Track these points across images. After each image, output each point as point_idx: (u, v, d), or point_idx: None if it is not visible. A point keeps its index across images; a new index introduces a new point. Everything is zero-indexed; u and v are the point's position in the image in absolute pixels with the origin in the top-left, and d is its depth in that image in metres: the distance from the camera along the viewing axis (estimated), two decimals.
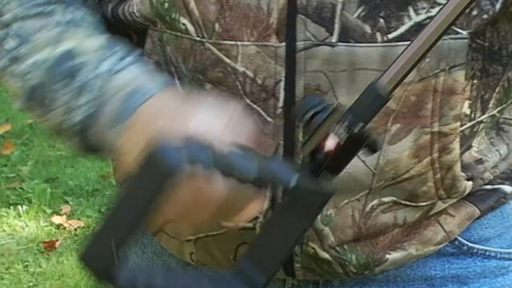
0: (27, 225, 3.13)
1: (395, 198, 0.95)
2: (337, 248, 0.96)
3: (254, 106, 0.92)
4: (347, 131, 0.79)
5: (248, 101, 0.92)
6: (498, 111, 0.99)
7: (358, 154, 0.91)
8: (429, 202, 0.97)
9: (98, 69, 0.90)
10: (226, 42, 0.91)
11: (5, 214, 3.19)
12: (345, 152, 0.80)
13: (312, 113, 0.81)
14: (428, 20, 0.89)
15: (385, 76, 0.80)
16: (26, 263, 2.92)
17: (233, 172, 0.74)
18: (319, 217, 0.94)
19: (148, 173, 0.73)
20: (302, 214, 0.80)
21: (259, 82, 0.91)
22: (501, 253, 1.03)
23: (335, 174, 0.82)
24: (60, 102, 0.91)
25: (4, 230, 3.09)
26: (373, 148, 0.82)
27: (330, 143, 0.79)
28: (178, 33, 0.93)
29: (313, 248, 0.96)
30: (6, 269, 2.90)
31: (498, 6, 0.92)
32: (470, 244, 1.02)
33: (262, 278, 0.80)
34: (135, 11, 0.95)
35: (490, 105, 0.97)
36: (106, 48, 0.91)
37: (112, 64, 0.90)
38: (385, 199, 0.95)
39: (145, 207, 0.72)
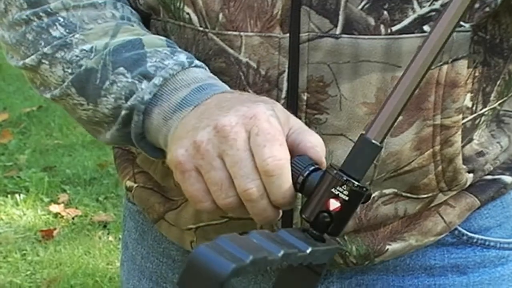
0: (24, 214, 3.12)
1: (396, 190, 0.96)
2: (338, 238, 0.96)
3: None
4: (347, 189, 0.77)
5: (251, 91, 0.92)
6: (499, 104, 0.99)
7: None
8: (430, 194, 0.97)
9: (171, 59, 0.87)
10: (229, 32, 0.91)
11: (2, 202, 3.19)
12: (350, 211, 0.79)
13: (305, 175, 0.79)
14: (432, 13, 0.90)
15: (374, 126, 0.79)
16: (24, 251, 2.92)
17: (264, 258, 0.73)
18: None
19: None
20: (309, 276, 0.80)
21: (263, 73, 0.91)
22: (500, 243, 1.04)
23: (339, 234, 0.80)
24: (122, 84, 0.87)
25: (1, 219, 3.09)
26: (367, 199, 0.81)
27: (335, 203, 0.78)
28: (182, 23, 0.93)
29: None
30: (4, 258, 2.90)
31: None
32: (470, 234, 1.03)
33: None
34: None
35: (492, 98, 0.98)
36: (171, 47, 0.89)
37: (184, 60, 0.88)
38: (386, 191, 0.95)
39: None
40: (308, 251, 0.76)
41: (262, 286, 1.03)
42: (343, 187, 0.77)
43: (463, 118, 0.95)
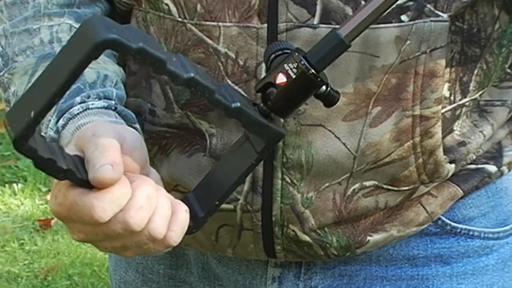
0: (22, 203, 3.13)
1: (376, 182, 0.95)
2: (318, 230, 0.96)
3: (236, 87, 0.92)
4: (298, 68, 0.80)
5: (229, 82, 0.92)
6: (480, 95, 0.99)
7: (338, 136, 0.91)
8: (411, 187, 0.97)
9: (47, 134, 0.86)
10: (208, 23, 0.91)
11: (0, 192, 3.19)
12: (295, 92, 0.81)
13: (274, 55, 0.82)
14: (410, 3, 0.89)
15: (347, 25, 0.81)
16: (22, 241, 2.93)
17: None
18: (299, 199, 0.95)
19: (78, 41, 0.72)
20: (249, 153, 0.81)
21: (241, 63, 0.91)
22: (485, 233, 1.03)
23: (285, 115, 0.83)
24: None
25: None
26: (328, 100, 0.82)
27: (281, 77, 0.81)
28: (161, 14, 0.93)
29: (293, 230, 0.96)
30: (2, 247, 2.91)
31: None
32: (453, 224, 1.02)
33: (201, 213, 0.80)
34: None
35: (471, 88, 0.97)
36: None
37: (53, 129, 0.85)
38: (367, 183, 0.95)
39: (70, 74, 0.71)
40: (234, 105, 0.77)
41: (246, 276, 1.03)
42: (294, 64, 0.80)
43: (442, 108, 0.95)
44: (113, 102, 0.86)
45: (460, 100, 0.97)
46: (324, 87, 0.82)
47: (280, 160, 0.93)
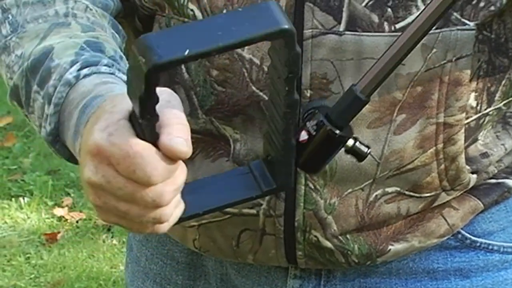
0: (28, 217, 3.12)
1: (399, 189, 0.95)
2: (340, 237, 0.96)
3: (260, 93, 0.92)
4: (318, 125, 0.82)
5: (254, 88, 0.92)
6: (504, 104, 0.99)
7: (362, 141, 0.91)
8: (432, 193, 0.97)
9: (62, 78, 0.84)
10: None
11: (6, 206, 3.19)
12: (318, 148, 0.82)
13: (306, 114, 0.84)
14: None
15: (363, 79, 0.83)
16: (28, 255, 2.92)
17: None
18: (322, 205, 0.95)
19: (259, 17, 0.70)
20: (251, 185, 0.80)
21: (266, 69, 0.91)
22: (504, 247, 1.03)
23: (314, 172, 0.85)
24: (38, 104, 0.85)
25: (5, 222, 3.10)
26: (355, 154, 0.84)
27: (303, 135, 0.83)
28: (186, 19, 0.93)
29: (315, 236, 0.96)
30: (8, 261, 2.90)
31: None
32: (473, 238, 1.02)
33: (183, 214, 0.78)
34: None
35: (496, 98, 0.97)
36: (77, 54, 0.84)
37: (69, 78, 0.83)
38: (389, 189, 0.95)
39: (241, 41, 0.69)
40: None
41: (265, 287, 1.02)
42: (314, 122, 0.83)
43: (467, 118, 0.95)
44: None
45: (485, 109, 0.97)
46: (351, 141, 0.83)
47: None
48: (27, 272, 2.84)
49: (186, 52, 0.68)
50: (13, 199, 3.21)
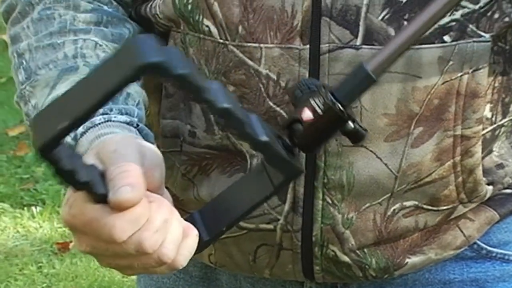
0: (41, 226, 3.13)
1: (416, 202, 0.95)
2: (357, 251, 0.96)
3: (277, 108, 0.92)
4: (325, 104, 0.78)
5: (271, 103, 0.92)
6: None
7: (380, 156, 0.91)
8: (450, 206, 0.97)
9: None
10: (249, 44, 0.91)
11: (19, 215, 3.20)
12: (322, 128, 0.79)
13: (299, 91, 0.80)
14: (452, 23, 0.89)
15: (375, 59, 0.80)
16: (40, 264, 2.93)
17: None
18: (340, 220, 0.94)
19: (121, 60, 0.70)
20: (265, 184, 0.79)
21: (283, 84, 0.91)
22: None
23: (312, 151, 0.81)
24: None
25: (18, 231, 3.10)
26: (355, 137, 0.80)
27: (307, 113, 0.79)
28: (201, 35, 0.93)
29: (333, 251, 0.96)
30: (20, 270, 2.90)
31: None
32: (489, 248, 1.02)
33: (206, 237, 0.79)
34: (158, 12, 0.95)
35: (511, 109, 0.97)
36: None
37: (71, 136, 0.84)
38: (407, 203, 0.95)
39: (107, 93, 0.69)
40: (262, 139, 0.75)
41: None
42: (320, 99, 0.78)
43: (483, 129, 0.95)
44: (136, 119, 0.86)
45: (500, 120, 0.97)
46: (351, 124, 0.80)
47: (321, 180, 0.93)
48: (39, 281, 2.84)
49: (60, 127, 0.70)
50: (25, 208, 3.22)
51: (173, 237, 0.75)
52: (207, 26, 0.92)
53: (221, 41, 0.91)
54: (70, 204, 0.76)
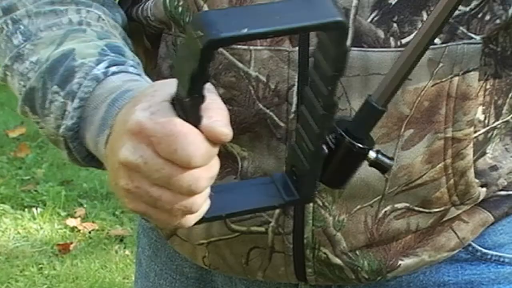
0: (41, 228, 3.13)
1: (408, 204, 0.95)
2: (349, 253, 0.96)
3: (267, 111, 0.92)
4: (336, 138, 0.80)
5: (261, 106, 0.91)
6: None
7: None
8: (442, 208, 0.96)
9: (89, 74, 0.84)
10: (239, 46, 0.91)
11: (19, 216, 3.20)
12: (340, 162, 0.81)
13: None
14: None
15: (377, 89, 0.81)
16: (41, 265, 2.93)
17: None
18: (331, 222, 0.94)
19: (312, 7, 0.69)
20: (273, 194, 0.79)
21: (272, 87, 0.91)
22: None
23: (338, 187, 0.82)
24: (57, 104, 0.84)
25: (18, 233, 3.11)
26: (379, 167, 0.82)
27: (323, 148, 0.78)
28: None
29: (325, 253, 0.95)
30: (21, 272, 2.91)
31: (510, 11, 0.91)
32: (484, 250, 1.02)
33: (206, 214, 0.77)
34: (149, 15, 0.95)
35: (504, 111, 0.97)
36: (102, 54, 0.86)
37: (98, 73, 0.83)
38: (398, 205, 0.95)
39: (292, 28, 0.68)
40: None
41: None
42: (333, 135, 0.80)
43: (475, 131, 0.94)
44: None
45: (493, 123, 0.96)
46: (373, 154, 0.81)
47: None
48: (39, 282, 2.85)
49: (245, 30, 0.67)
50: (26, 209, 3.22)
51: (207, 192, 0.74)
52: None
53: None
54: (153, 111, 0.71)
